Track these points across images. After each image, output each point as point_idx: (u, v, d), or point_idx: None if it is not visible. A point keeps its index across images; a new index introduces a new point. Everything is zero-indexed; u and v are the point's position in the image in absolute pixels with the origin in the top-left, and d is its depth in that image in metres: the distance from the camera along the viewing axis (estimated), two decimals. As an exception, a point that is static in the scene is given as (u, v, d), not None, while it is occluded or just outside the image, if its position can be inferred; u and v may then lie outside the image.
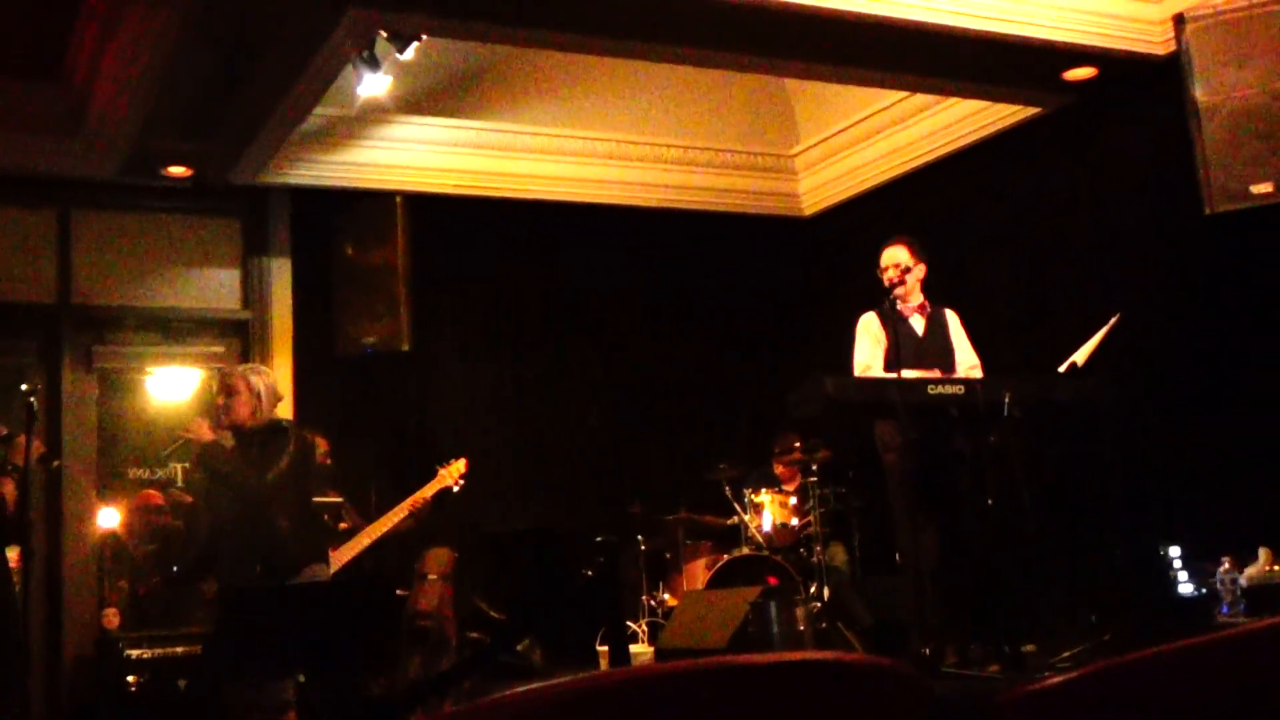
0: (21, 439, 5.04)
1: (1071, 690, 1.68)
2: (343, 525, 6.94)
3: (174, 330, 8.34)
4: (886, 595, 6.88)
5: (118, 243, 8.17)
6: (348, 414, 8.28)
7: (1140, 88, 7.13)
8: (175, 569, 7.59)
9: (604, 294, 9.22)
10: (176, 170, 7.90)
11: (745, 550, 7.44)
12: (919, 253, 6.19)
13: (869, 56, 6.94)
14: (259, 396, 5.46)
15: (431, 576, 7.18)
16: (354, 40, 6.31)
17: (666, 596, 7.63)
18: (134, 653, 6.74)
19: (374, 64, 6.60)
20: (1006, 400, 5.44)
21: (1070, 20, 6.71)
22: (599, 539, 7.79)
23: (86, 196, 8.02)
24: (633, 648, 7.12)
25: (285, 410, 8.09)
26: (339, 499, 7.11)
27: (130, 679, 6.65)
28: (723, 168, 9.40)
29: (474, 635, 7.24)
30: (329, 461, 7.34)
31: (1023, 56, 6.83)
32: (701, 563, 7.65)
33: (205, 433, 5.53)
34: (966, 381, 5.76)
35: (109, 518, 7.83)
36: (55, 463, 5.55)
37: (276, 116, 7.13)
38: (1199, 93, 6.42)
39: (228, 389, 5.50)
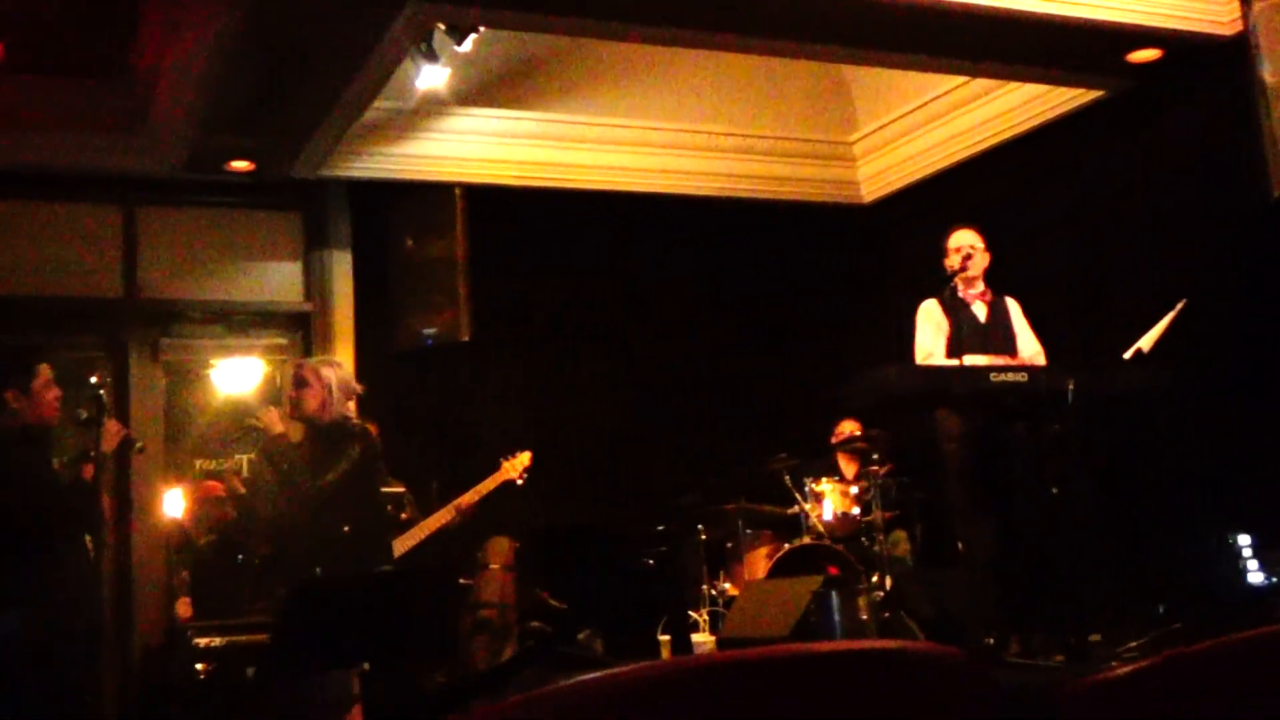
0: (104, 423, 5.10)
1: (1139, 680, 1.66)
2: (404, 516, 7.00)
3: (237, 323, 8.45)
4: (949, 585, 6.83)
5: (182, 237, 8.28)
6: (408, 405, 8.34)
7: (1205, 69, 7.01)
8: (239, 558, 7.70)
9: (663, 283, 9.22)
10: (238, 165, 7.99)
11: (806, 539, 7.41)
12: (985, 241, 6.15)
13: (929, 42, 6.88)
14: (330, 390, 5.44)
15: (493, 566, 7.22)
16: (412, 33, 6.35)
17: (727, 586, 7.62)
18: (202, 641, 6.82)
19: (432, 56, 6.64)
20: (1071, 388, 5.37)
21: (1134, 1, 6.60)
22: (659, 529, 7.80)
23: (151, 193, 8.13)
24: (694, 637, 7.12)
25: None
26: (402, 489, 7.16)
27: (199, 667, 6.75)
28: (781, 155, 9.35)
29: (535, 624, 7.27)
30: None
31: (1087, 39, 6.73)
32: (762, 552, 7.63)
33: (274, 424, 5.54)
34: (1030, 368, 5.70)
35: (175, 507, 7.95)
36: (139, 445, 5.60)
37: (336, 110, 7.19)
38: (1266, 73, 6.31)
39: (298, 380, 5.50)
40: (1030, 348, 6.14)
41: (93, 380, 5.22)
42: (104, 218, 8.10)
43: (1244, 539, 6.20)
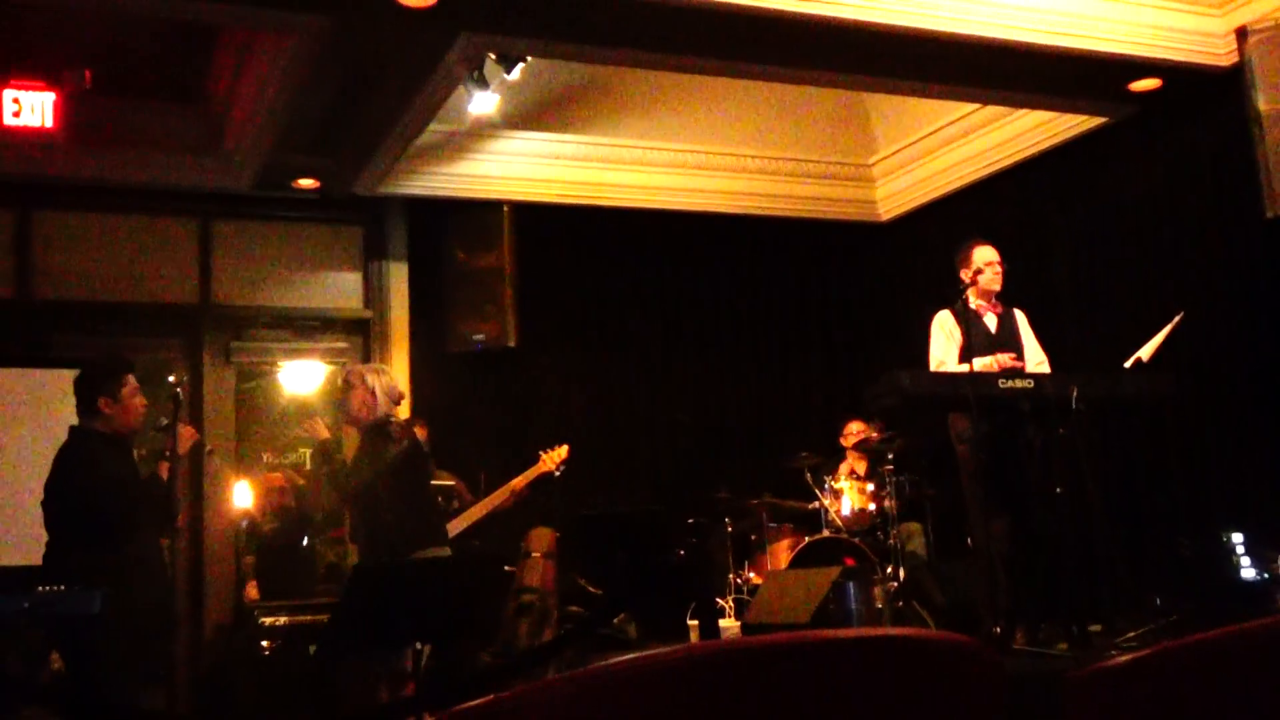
0: (178, 428, 5.18)
1: (1137, 669, 1.65)
2: (455, 505, 7.03)
3: (303, 328, 8.51)
4: (959, 577, 6.79)
5: (253, 249, 8.35)
6: (458, 405, 8.38)
7: (1203, 97, 6.96)
8: (304, 543, 7.76)
9: (694, 294, 9.23)
10: (305, 183, 8.06)
11: (825, 533, 7.39)
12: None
13: (945, 72, 6.85)
14: (374, 394, 5.49)
15: (535, 554, 7.23)
16: (465, 62, 6.38)
17: (752, 575, 7.61)
18: (268, 620, 6.87)
19: (483, 83, 6.67)
20: (1074, 394, 5.34)
21: (1136, 34, 6.56)
22: (690, 521, 7.79)
23: (225, 207, 8.20)
24: (721, 623, 7.11)
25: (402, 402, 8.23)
26: (453, 482, 7.20)
27: (264, 644, 6.79)
28: (804, 176, 9.34)
29: (574, 609, 7.28)
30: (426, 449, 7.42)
31: (1090, 69, 6.69)
32: (784, 544, 7.62)
33: (320, 431, 5.59)
34: (1036, 376, 5.66)
35: (244, 498, 8.01)
36: (209, 449, 5.67)
37: (395, 133, 7.23)
38: (1260, 102, 6.25)
39: (346, 385, 5.57)
40: (1036, 356, 6.10)
41: (170, 380, 5.28)
42: (182, 230, 8.18)
43: (1237, 537, 6.14)
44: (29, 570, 4.95)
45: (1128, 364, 5.82)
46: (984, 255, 6.05)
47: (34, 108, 6.67)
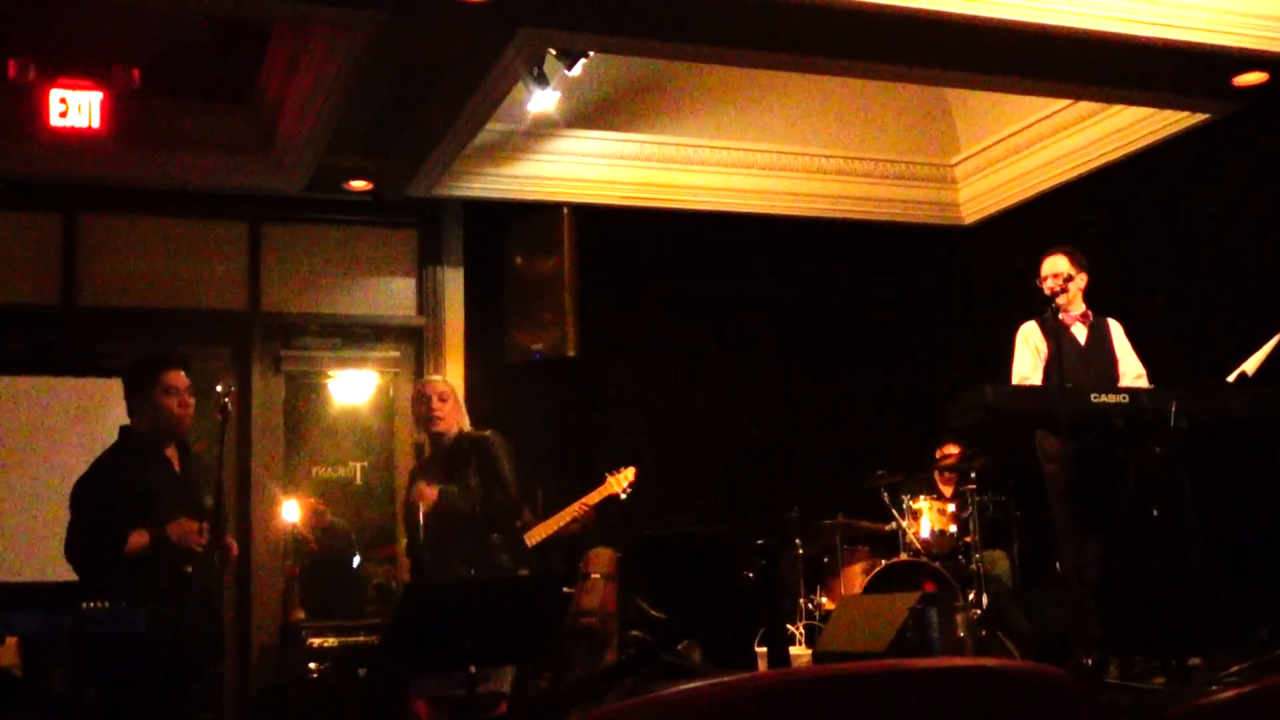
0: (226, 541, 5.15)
1: (1241, 706, 1.61)
2: (520, 524, 7.05)
3: (354, 336, 8.59)
4: (1047, 605, 6.70)
5: (303, 253, 8.46)
6: (516, 418, 8.39)
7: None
8: (355, 563, 7.82)
9: (765, 302, 9.19)
10: (358, 185, 8.15)
11: (903, 556, 7.32)
12: (1080, 262, 6.02)
13: (1033, 66, 6.78)
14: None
15: (594, 575, 7.24)
16: (524, 58, 6.42)
17: (824, 600, 7.56)
18: (316, 641, 6.94)
19: (543, 80, 6.71)
20: (1173, 411, 5.25)
21: (1241, 25, 6.44)
22: (759, 542, 7.75)
23: (275, 210, 8.32)
24: (791, 650, 7.07)
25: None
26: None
27: (312, 666, 6.86)
28: (882, 177, 9.28)
29: (635, 634, 7.27)
30: None
31: (1192, 63, 6.58)
32: (859, 567, 7.56)
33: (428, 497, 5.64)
34: (1131, 391, 5.58)
35: (291, 514, 8.09)
36: (230, 564, 5.55)
37: (451, 133, 7.29)
38: (1378, 96, 6.12)
39: (448, 396, 5.68)
40: (1133, 370, 6.01)
41: (218, 389, 5.32)
42: (231, 234, 8.31)
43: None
44: (75, 586, 5.02)
45: (1231, 378, 5.71)
46: (1047, 266, 5.98)
47: (81, 108, 6.81)
